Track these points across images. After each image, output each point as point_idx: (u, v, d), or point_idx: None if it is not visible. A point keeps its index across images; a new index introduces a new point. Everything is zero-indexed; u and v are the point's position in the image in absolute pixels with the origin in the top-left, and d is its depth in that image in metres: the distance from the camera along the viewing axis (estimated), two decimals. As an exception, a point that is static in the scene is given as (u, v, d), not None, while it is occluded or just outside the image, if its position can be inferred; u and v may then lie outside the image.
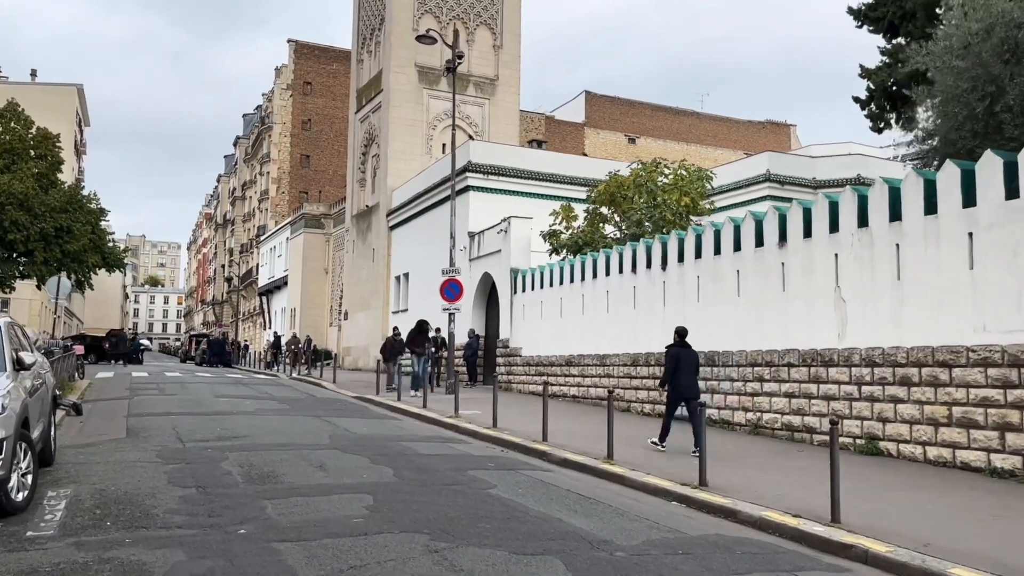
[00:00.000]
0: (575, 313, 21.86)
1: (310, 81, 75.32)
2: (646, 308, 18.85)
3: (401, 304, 37.43)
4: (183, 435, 13.31)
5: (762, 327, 15.24)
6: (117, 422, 15.25)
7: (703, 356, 16.50)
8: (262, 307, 70.16)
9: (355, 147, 44.37)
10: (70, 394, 20.03)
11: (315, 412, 18.18)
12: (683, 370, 12.83)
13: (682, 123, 76.53)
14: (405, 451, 12.39)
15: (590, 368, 21.07)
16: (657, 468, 11.13)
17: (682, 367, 12.83)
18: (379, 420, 17.34)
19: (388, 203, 39.06)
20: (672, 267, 18.00)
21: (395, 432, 15.14)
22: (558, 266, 23.13)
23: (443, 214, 32.78)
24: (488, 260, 27.81)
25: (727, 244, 16.33)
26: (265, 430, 14.23)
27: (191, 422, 15.15)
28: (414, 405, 20.12)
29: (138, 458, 10.92)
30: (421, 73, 39.79)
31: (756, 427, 15.17)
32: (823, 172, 31.22)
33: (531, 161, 31.90)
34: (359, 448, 12.41)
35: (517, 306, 25.56)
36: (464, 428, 15.96)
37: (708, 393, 16.43)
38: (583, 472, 11.50)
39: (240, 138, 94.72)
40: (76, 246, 42.36)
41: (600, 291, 20.75)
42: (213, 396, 21.30)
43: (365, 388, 26.47)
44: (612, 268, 20.29)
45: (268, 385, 27.45)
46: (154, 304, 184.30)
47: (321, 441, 13.12)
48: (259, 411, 17.82)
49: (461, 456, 12.28)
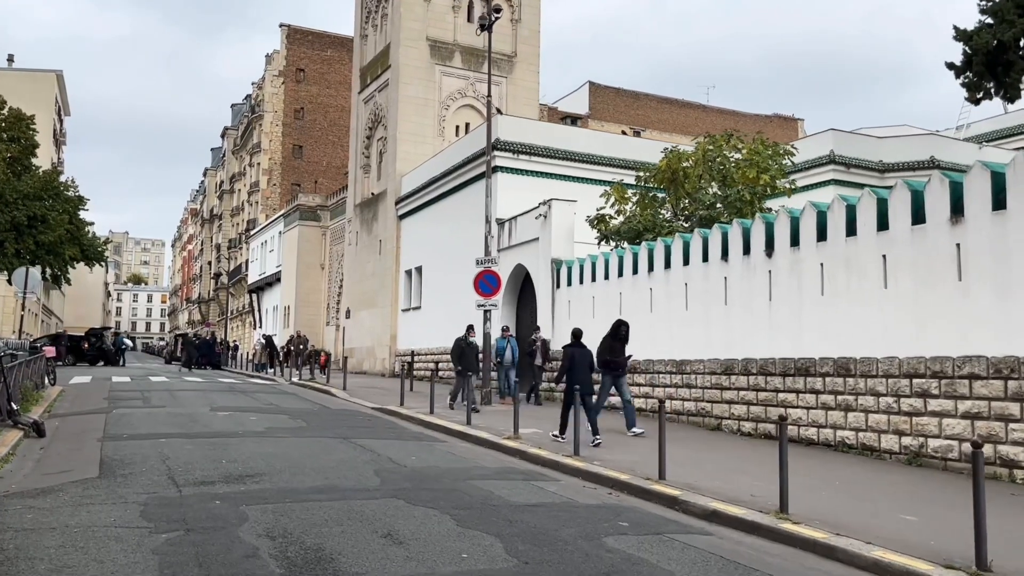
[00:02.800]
0: (640, 310, 18.41)
1: (303, 68, 71.61)
2: (742, 304, 15.43)
3: (412, 301, 33.86)
4: (178, 473, 9.76)
5: (925, 328, 11.83)
6: (88, 450, 11.66)
7: (831, 363, 13.20)
8: (252, 305, 66.33)
9: (358, 130, 40.76)
10: (34, 406, 16.42)
11: (339, 431, 14.65)
12: (578, 368, 13.78)
13: (688, 116, 73.44)
14: (490, 499, 8.89)
15: (662, 376, 17.63)
16: (879, 528, 7.68)
17: (576, 365, 13.81)
18: (421, 443, 13.81)
19: (397, 190, 35.48)
20: (782, 254, 14.58)
21: (453, 462, 11.63)
22: (616, 255, 19.67)
23: (465, 200, 29.31)
24: (522, 250, 24.32)
25: (866, 223, 12.91)
26: (287, 462, 10.68)
27: (187, 450, 11.59)
28: (452, 420, 16.62)
29: (113, 520, 7.37)
30: (433, 48, 36.24)
31: (917, 455, 11.76)
32: (891, 154, 27.88)
33: (566, 139, 28.41)
34: (426, 494, 8.91)
35: (560, 303, 22.07)
36: (534, 455, 12.48)
37: (840, 411, 13.03)
38: (756, 535, 8.04)
39: (228, 129, 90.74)
40: (52, 237, 38.60)
41: (676, 284, 17.31)
42: (209, 409, 17.71)
43: (382, 396, 22.97)
44: (693, 256, 16.86)
45: (269, 393, 23.84)
46: (137, 303, 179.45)
47: (368, 481, 9.60)
48: (271, 431, 14.25)
49: (569, 507, 8.80)
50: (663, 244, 17.90)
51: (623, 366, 14.82)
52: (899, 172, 27.29)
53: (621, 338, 14.69)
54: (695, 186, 20.90)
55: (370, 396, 23.04)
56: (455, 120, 36.70)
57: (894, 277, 12.40)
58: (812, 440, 13.58)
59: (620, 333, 14.70)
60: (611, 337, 14.73)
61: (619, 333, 14.70)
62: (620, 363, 14.70)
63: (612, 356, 14.66)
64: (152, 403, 19.04)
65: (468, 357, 18.98)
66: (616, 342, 14.67)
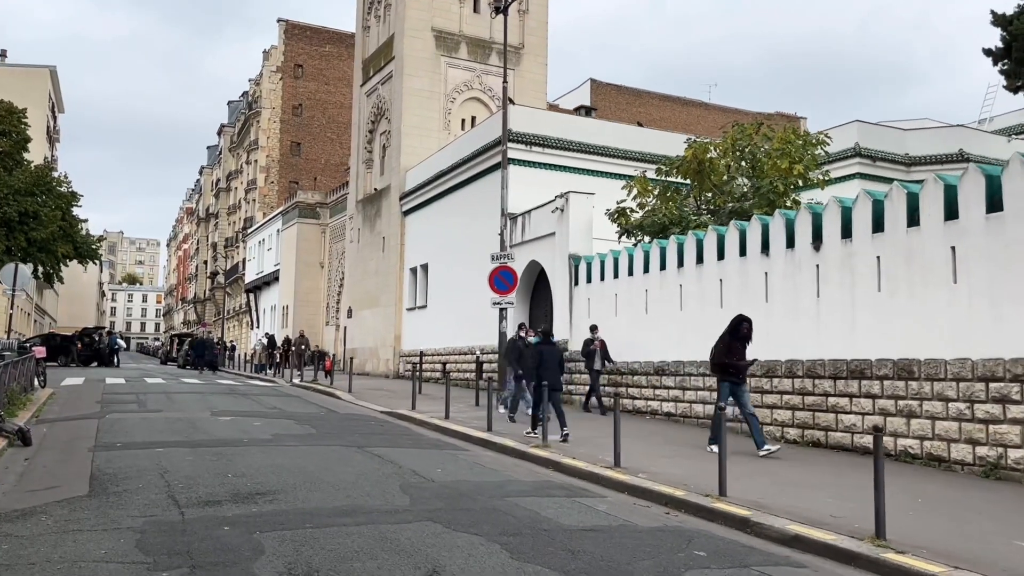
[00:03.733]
0: (669, 308, 17.29)
1: (301, 64, 70.38)
2: (785, 301, 14.31)
3: (418, 300, 32.70)
4: (179, 490, 8.61)
5: (1002, 327, 10.72)
6: (78, 462, 10.50)
7: (890, 365, 12.10)
8: (249, 305, 65.07)
9: (360, 124, 39.58)
10: (21, 411, 15.24)
11: (351, 438, 13.50)
12: (546, 366, 14.25)
13: (690, 114, 72.60)
14: (538, 522, 7.75)
15: (693, 379, 16.51)
16: (1001, 558, 6.57)
17: (545, 362, 14.30)
18: (443, 452, 12.67)
19: (401, 185, 34.30)
20: (831, 247, 13.46)
21: (483, 475, 10.49)
22: (641, 250, 18.54)
23: (474, 194, 28.19)
24: (536, 245, 23.18)
25: (931, 212, 11.80)
26: (301, 476, 9.52)
27: (188, 461, 10.44)
28: (471, 427, 15.49)
29: (104, 552, 6.22)
30: (438, 38, 35.08)
31: (995, 467, 10.65)
32: (917, 147, 26.87)
33: (581, 131, 27.25)
34: (464, 516, 7.77)
35: (579, 300, 20.94)
36: (569, 466, 11.35)
37: (901, 417, 11.93)
38: (855, 567, 6.91)
39: (225, 126, 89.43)
40: (44, 234, 37.36)
41: (709, 280, 16.19)
42: (209, 413, 16.54)
43: (390, 399, 21.85)
44: (729, 251, 15.74)
45: (271, 396, 22.66)
46: (132, 303, 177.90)
47: (396, 500, 8.46)
48: (278, 438, 13.10)
49: (630, 532, 7.67)
50: (694, 238, 16.77)
51: (743, 371, 12.49)
52: (926, 166, 26.27)
53: (742, 337, 12.38)
54: (722, 178, 19.82)
55: (377, 399, 21.90)
56: (461, 113, 35.55)
57: (965, 270, 11.30)
58: (868, 449, 12.44)
59: (741, 331, 12.39)
60: (730, 335, 12.44)
61: (739, 331, 12.39)
62: (741, 367, 12.38)
63: (731, 359, 12.30)
64: (148, 407, 17.87)
65: (528, 360, 16.32)
66: (736, 342, 12.37)
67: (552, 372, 14.26)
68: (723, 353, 12.39)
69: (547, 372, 14.12)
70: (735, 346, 12.38)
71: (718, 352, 12.47)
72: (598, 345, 18.39)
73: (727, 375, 12.33)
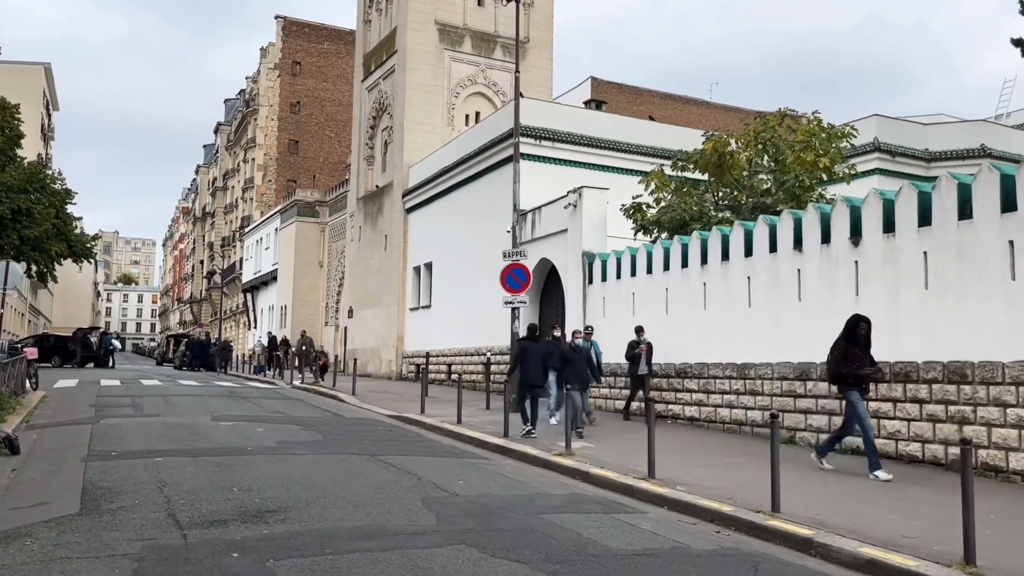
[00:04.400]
0: (691, 308, 16.50)
1: (299, 61, 69.58)
2: (820, 300, 13.53)
3: (422, 300, 31.87)
4: (180, 507, 7.78)
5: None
6: (69, 473, 9.67)
7: (940, 368, 11.36)
8: (246, 305, 64.18)
9: (361, 120, 38.75)
10: (10, 415, 14.41)
11: (361, 446, 12.69)
12: (529, 362, 14.43)
13: (692, 112, 71.81)
14: (582, 544, 6.95)
15: (719, 381, 15.71)
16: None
17: (528, 359, 14.46)
18: (461, 461, 11.85)
19: (404, 182, 33.47)
20: (872, 242, 12.68)
21: (509, 488, 9.68)
22: (661, 246, 17.74)
23: (481, 190, 27.38)
24: (547, 242, 22.37)
25: (986, 203, 11.02)
26: (313, 490, 8.70)
27: (188, 473, 9.61)
28: (485, 432, 14.69)
29: (97, 587, 5.40)
30: (442, 32, 34.27)
31: (1060, 479, 9.86)
32: (937, 142, 26.11)
33: (593, 125, 26.43)
34: (499, 537, 6.96)
35: (593, 300, 20.13)
36: (599, 477, 10.54)
37: (952, 424, 11.15)
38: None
39: (222, 124, 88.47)
40: (37, 232, 36.40)
41: (736, 278, 15.39)
42: (210, 418, 15.70)
43: (396, 402, 21.07)
44: (758, 247, 14.95)
45: (272, 398, 21.82)
46: (127, 303, 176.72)
47: (421, 518, 7.64)
48: (284, 446, 12.27)
49: (686, 556, 6.87)
50: (719, 233, 15.97)
51: (866, 381, 10.78)
52: (947, 161, 25.54)
53: (860, 341, 10.61)
54: (743, 172, 19.03)
55: (383, 402, 21.09)
56: (465, 108, 34.75)
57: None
58: (916, 457, 11.70)
59: (858, 334, 10.61)
60: (846, 340, 10.67)
61: (856, 334, 10.61)
62: (863, 376, 10.64)
63: (849, 367, 10.59)
64: (145, 411, 17.03)
65: (576, 364, 14.78)
66: (853, 347, 10.60)
67: (536, 369, 14.48)
68: (840, 361, 10.66)
69: (531, 369, 14.39)
70: (853, 352, 10.62)
71: (835, 361, 10.77)
72: (644, 348, 16.73)
73: (847, 385, 10.66)
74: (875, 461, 10.50)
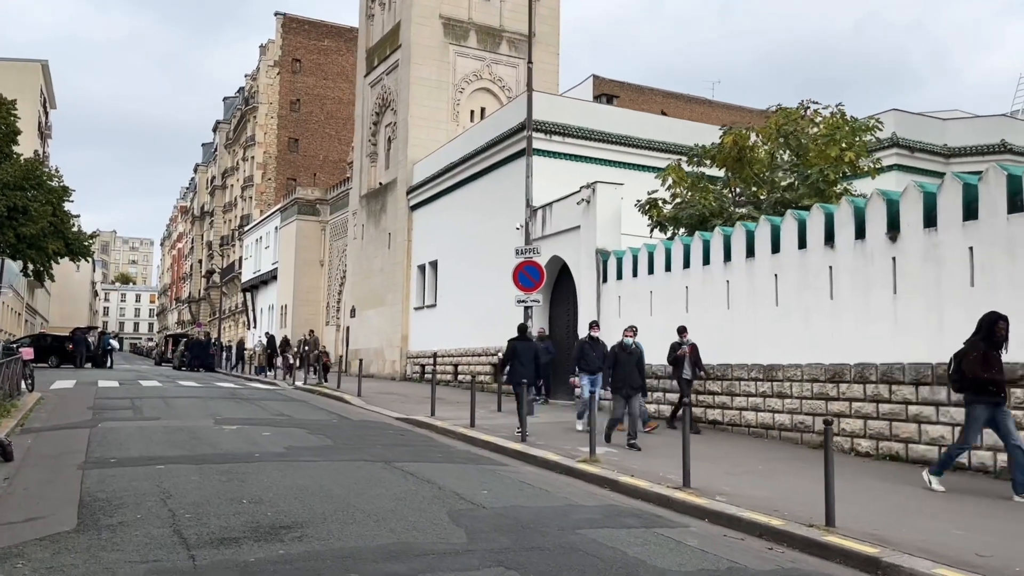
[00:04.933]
0: (714, 307, 15.87)
1: (299, 58, 68.90)
2: (855, 298, 12.90)
3: (427, 299, 31.21)
4: (186, 522, 7.13)
5: None
6: (65, 483, 9.02)
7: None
8: (246, 304, 63.48)
9: (364, 116, 38.08)
10: (3, 419, 13.76)
11: (374, 451, 12.04)
12: (520, 360, 14.92)
13: (694, 111, 71.10)
14: (630, 566, 6.31)
15: (743, 383, 15.08)
16: None
17: (519, 357, 14.94)
18: (480, 468, 11.20)
19: (408, 179, 32.81)
20: (911, 237, 12.05)
21: (538, 499, 9.03)
22: (680, 243, 17.11)
23: (490, 186, 26.74)
24: (559, 240, 21.70)
25: (1038, 195, 10.40)
26: (330, 503, 8.05)
27: (193, 483, 8.96)
28: (500, 435, 14.05)
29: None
30: (447, 26, 33.61)
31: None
32: (956, 137, 25.52)
33: (605, 120, 25.76)
34: (539, 557, 6.33)
35: (608, 299, 19.50)
36: (628, 486, 9.89)
37: None
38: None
39: (220, 123, 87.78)
40: (34, 229, 35.78)
41: (762, 275, 14.76)
42: (213, 422, 15.05)
43: (403, 404, 20.42)
44: (785, 243, 14.31)
45: (275, 400, 21.16)
46: (125, 303, 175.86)
47: (450, 534, 6.99)
48: (292, 452, 11.62)
49: (748, 577, 6.23)
50: (743, 229, 15.34)
51: (1004, 386, 9.35)
52: (967, 157, 25.00)
53: (998, 342, 9.22)
54: (764, 166, 18.41)
55: (389, 404, 20.44)
56: (470, 104, 34.11)
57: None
58: (961, 465, 11.05)
59: (997, 334, 9.19)
60: (985, 341, 9.20)
61: (995, 334, 9.19)
62: (1001, 382, 9.24)
63: (987, 371, 9.14)
64: (144, 414, 16.38)
65: (627, 367, 13.21)
66: (993, 350, 9.19)
67: (526, 367, 14.93)
68: (981, 365, 9.10)
69: (521, 367, 14.85)
70: (993, 356, 9.17)
71: (974, 364, 9.15)
72: (687, 350, 14.99)
73: (985, 394, 9.19)
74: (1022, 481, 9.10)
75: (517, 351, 15.04)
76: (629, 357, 13.33)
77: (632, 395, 13.05)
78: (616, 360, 13.26)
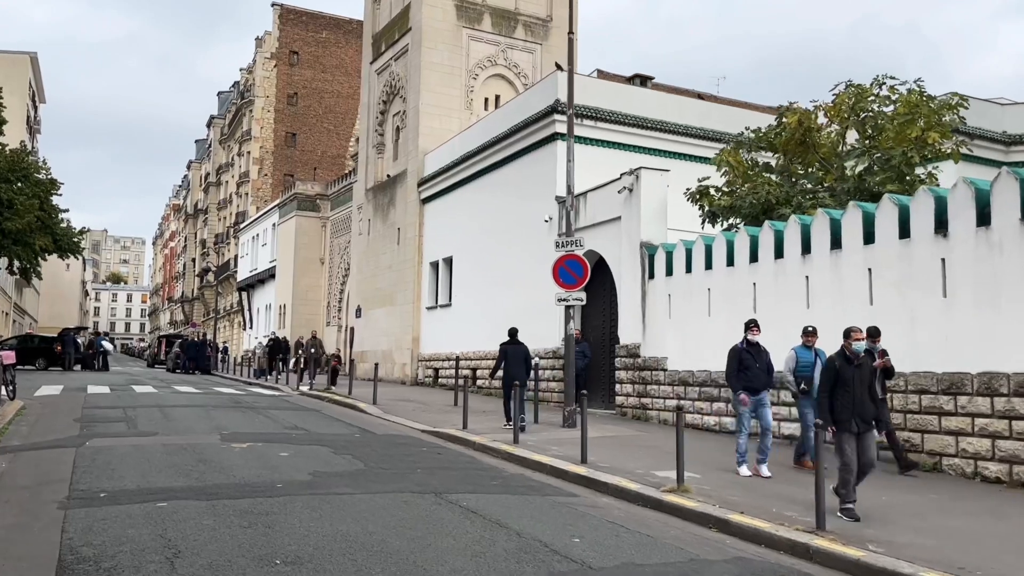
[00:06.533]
0: (789, 306, 13.94)
1: (297, 51, 66.87)
2: (976, 297, 11.00)
3: (440, 298, 29.21)
4: (204, 602, 5.17)
5: None
6: (42, 529, 7.04)
7: None
8: (241, 304, 61.35)
9: (370, 105, 36.07)
10: (-24, 438, 11.73)
11: (415, 478, 10.08)
12: (511, 363, 15.25)
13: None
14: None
15: (828, 393, 13.12)
16: None
17: (510, 360, 15.29)
18: (549, 500, 9.22)
19: (419, 170, 30.82)
20: (1055, 222, 10.16)
21: (646, 549, 7.10)
22: (746, 234, 15.19)
23: (513, 176, 24.78)
24: (595, 232, 19.73)
25: None
26: (390, 564, 6.10)
27: (207, 529, 6.99)
28: (550, 455, 12.13)
29: None
30: (460, 8, 31.64)
31: None
32: (1016, 124, 23.69)
33: (641, 104, 23.78)
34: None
35: (654, 297, 17.57)
36: (747, 528, 8.00)
37: None
38: None
39: (215, 117, 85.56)
40: (20, 224, 33.65)
41: (851, 270, 12.87)
42: (219, 438, 13.05)
43: (424, 412, 18.54)
44: (881, 232, 12.42)
45: (285, 409, 19.14)
46: (116, 302, 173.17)
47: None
48: (321, 479, 9.63)
49: None
50: (827, 217, 13.43)
51: None
52: (1026, 145, 23.13)
53: None
54: (834, 149, 16.53)
55: (410, 413, 18.49)
56: (484, 92, 32.15)
57: None
58: None
59: None
60: None
61: None
62: None
63: None
64: (139, 427, 14.37)
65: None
66: None
67: (518, 368, 15.15)
68: None
69: (514, 368, 15.13)
70: None
71: None
72: (881, 362, 10.69)
73: None
74: None
75: (508, 355, 15.39)
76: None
77: (865, 431, 8.50)
78: (839, 377, 8.47)
